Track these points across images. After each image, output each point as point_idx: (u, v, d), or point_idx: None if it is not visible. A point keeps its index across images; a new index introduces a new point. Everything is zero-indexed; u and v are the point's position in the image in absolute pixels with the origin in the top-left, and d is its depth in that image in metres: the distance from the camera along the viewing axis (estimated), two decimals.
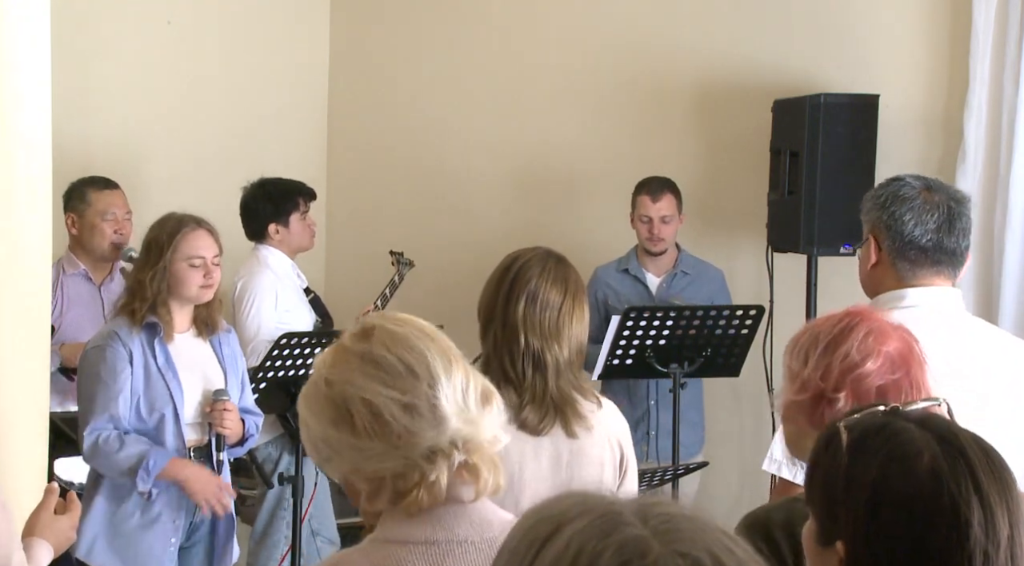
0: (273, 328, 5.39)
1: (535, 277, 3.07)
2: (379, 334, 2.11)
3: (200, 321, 4.35)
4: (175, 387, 4.24)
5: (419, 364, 2.08)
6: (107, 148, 6.31)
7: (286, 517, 5.40)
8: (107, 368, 4.18)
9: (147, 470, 4.13)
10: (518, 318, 3.05)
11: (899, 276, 3.06)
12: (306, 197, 5.78)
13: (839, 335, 2.31)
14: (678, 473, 5.09)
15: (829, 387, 2.28)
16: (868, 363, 2.27)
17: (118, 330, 4.23)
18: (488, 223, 6.76)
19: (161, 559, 4.23)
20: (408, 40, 7.13)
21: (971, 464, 1.65)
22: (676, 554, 1.17)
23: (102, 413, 4.16)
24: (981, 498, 1.63)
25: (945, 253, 3.06)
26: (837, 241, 5.43)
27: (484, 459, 2.10)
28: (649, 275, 5.77)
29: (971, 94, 5.24)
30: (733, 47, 6.07)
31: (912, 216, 3.05)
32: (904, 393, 2.28)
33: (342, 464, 2.10)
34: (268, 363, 4.71)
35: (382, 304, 5.91)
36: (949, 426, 1.73)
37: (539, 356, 3.05)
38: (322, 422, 2.09)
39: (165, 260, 4.22)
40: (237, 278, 5.60)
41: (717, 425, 6.09)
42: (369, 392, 2.06)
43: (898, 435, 1.69)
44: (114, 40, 6.44)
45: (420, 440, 2.04)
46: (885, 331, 2.32)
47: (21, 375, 3.69)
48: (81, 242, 5.48)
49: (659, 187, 5.71)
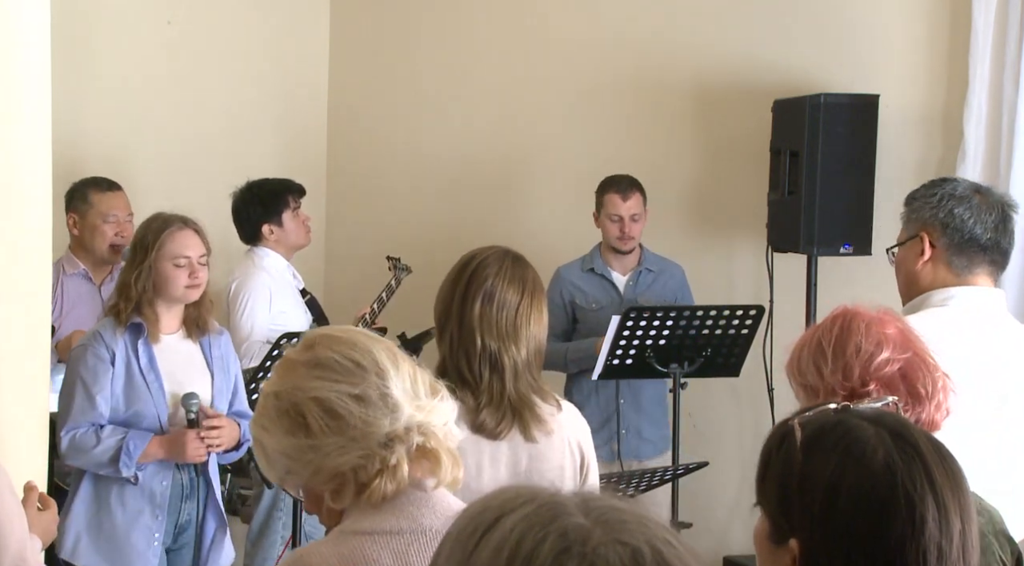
0: (267, 329, 5.40)
1: (492, 276, 3.00)
2: (322, 341, 2.15)
3: (190, 322, 4.33)
4: (156, 388, 4.23)
5: (365, 358, 2.11)
6: (107, 148, 6.31)
7: (282, 517, 5.41)
8: (87, 369, 4.19)
9: (128, 454, 4.14)
10: (474, 319, 2.97)
11: (954, 272, 3.11)
12: (295, 194, 5.77)
13: (841, 335, 2.34)
14: (678, 473, 5.09)
15: (856, 384, 2.30)
16: (883, 351, 2.31)
17: (102, 331, 4.24)
18: (487, 223, 6.76)
19: (145, 555, 4.22)
20: (408, 40, 7.13)
21: (925, 460, 1.66)
22: (617, 542, 1.18)
23: (79, 415, 4.17)
24: (935, 494, 1.64)
25: (1000, 252, 3.12)
26: (837, 241, 5.43)
27: (442, 445, 2.12)
28: (615, 274, 5.75)
29: (971, 94, 5.24)
30: (733, 47, 6.07)
31: (971, 214, 3.10)
32: (920, 369, 2.32)
33: (302, 471, 2.11)
34: (268, 364, 4.70)
35: (379, 308, 5.91)
36: (902, 422, 1.74)
37: (496, 358, 2.97)
38: (276, 435, 2.11)
39: (150, 260, 4.21)
40: (231, 279, 5.60)
41: (717, 425, 6.09)
42: (319, 391, 2.08)
43: (852, 431, 1.70)
44: (114, 40, 6.44)
45: (376, 429, 2.07)
46: (879, 318, 2.36)
47: (21, 375, 3.69)
48: (82, 243, 5.48)
49: (628, 185, 5.68)
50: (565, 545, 1.18)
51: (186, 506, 4.30)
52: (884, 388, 2.28)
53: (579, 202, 6.51)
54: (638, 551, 1.18)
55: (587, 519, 1.21)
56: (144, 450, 4.17)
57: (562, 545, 1.18)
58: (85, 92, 6.22)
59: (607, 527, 1.20)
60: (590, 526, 1.20)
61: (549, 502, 1.23)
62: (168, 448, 4.20)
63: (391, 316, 5.98)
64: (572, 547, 1.18)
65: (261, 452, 2.15)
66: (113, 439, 4.16)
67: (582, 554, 1.17)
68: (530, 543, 1.19)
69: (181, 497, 4.29)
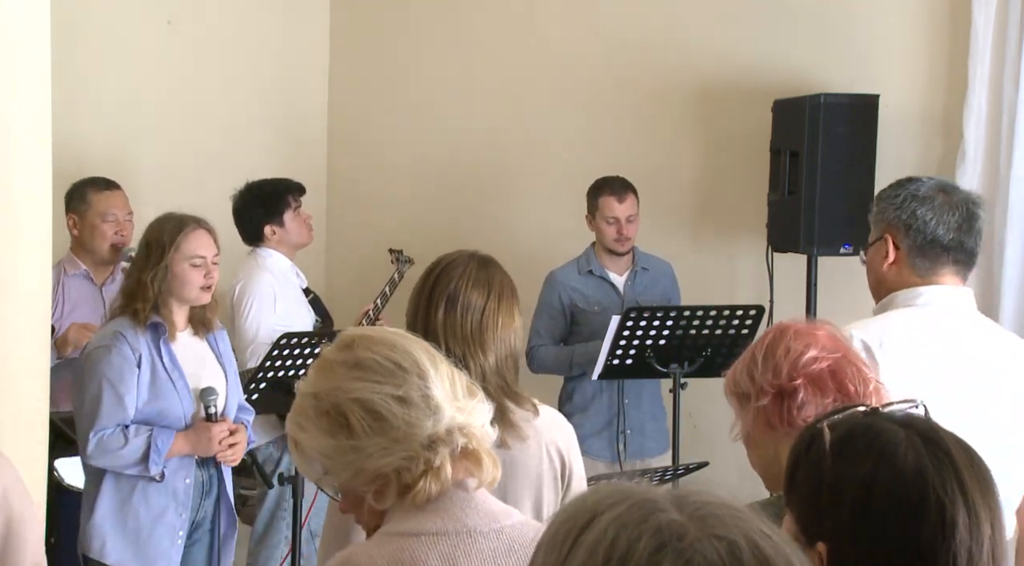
0: (272, 330, 5.39)
1: (455, 280, 2.92)
2: (360, 341, 2.14)
3: (196, 320, 4.35)
4: (182, 386, 4.26)
5: (406, 359, 2.11)
6: (106, 148, 6.31)
7: (286, 517, 5.40)
8: (113, 370, 4.18)
9: (157, 452, 4.16)
10: (438, 325, 2.89)
11: (917, 273, 3.10)
12: (295, 193, 5.77)
13: (772, 342, 2.38)
14: (678, 473, 5.09)
15: (784, 380, 2.32)
16: (811, 350, 2.33)
17: (123, 331, 4.21)
18: (487, 223, 6.76)
19: (169, 552, 4.26)
20: (408, 40, 7.13)
21: (955, 464, 1.66)
22: (713, 537, 1.17)
23: (108, 416, 4.16)
24: (966, 498, 1.64)
25: (964, 252, 3.10)
26: (837, 241, 5.43)
27: (482, 446, 2.13)
28: (612, 274, 5.75)
29: (971, 94, 5.24)
30: (733, 47, 6.07)
31: (933, 215, 3.08)
32: (850, 370, 2.33)
33: (342, 472, 2.10)
34: (268, 363, 4.70)
35: (382, 303, 5.90)
36: (932, 426, 1.73)
37: (460, 364, 2.77)
38: (315, 436, 2.10)
39: (167, 260, 4.22)
40: (236, 281, 5.59)
41: (717, 425, 6.08)
42: (361, 392, 2.08)
43: (883, 435, 1.69)
44: (114, 40, 6.44)
45: (419, 431, 2.07)
46: (810, 326, 2.40)
47: (21, 375, 3.69)
48: (82, 243, 5.48)
49: (622, 187, 5.67)
50: (660, 542, 1.17)
51: (204, 503, 4.34)
52: (812, 385, 2.30)
53: (579, 202, 6.51)
54: (735, 544, 1.17)
55: (681, 515, 1.20)
56: (170, 446, 4.20)
57: (657, 542, 1.17)
58: (85, 92, 6.21)
59: (702, 522, 1.19)
60: (684, 522, 1.19)
61: (641, 500, 1.22)
62: (194, 443, 4.24)
63: (394, 313, 5.98)
64: (668, 543, 1.17)
65: (298, 451, 2.14)
66: (140, 438, 4.17)
67: (678, 550, 1.16)
68: (624, 542, 1.18)
69: (201, 494, 4.33)
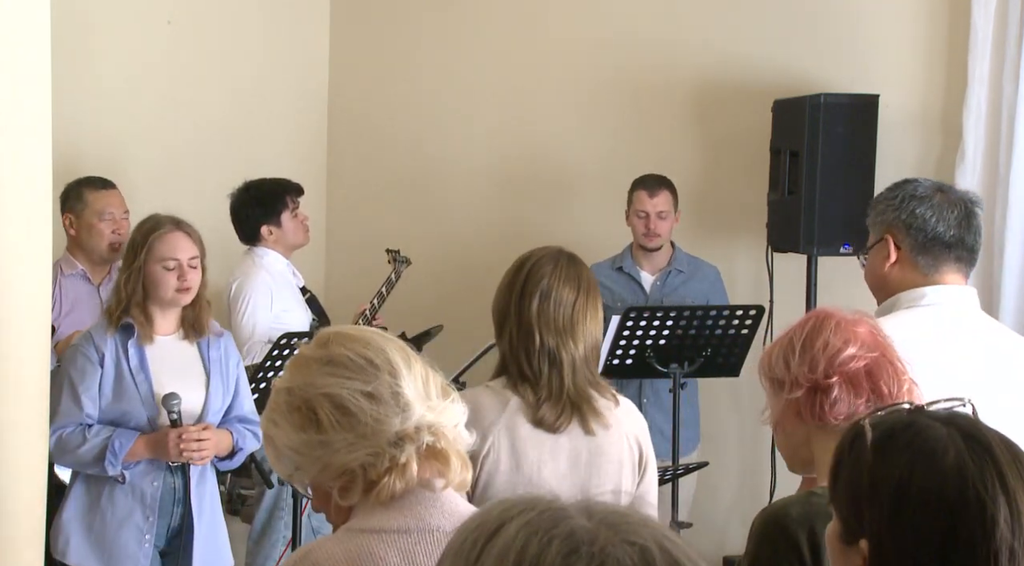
0: (268, 329, 5.40)
1: (547, 275, 3.10)
2: (336, 338, 2.16)
3: (187, 323, 4.30)
4: (145, 389, 4.21)
5: (378, 357, 2.12)
6: (106, 148, 6.30)
7: (284, 517, 5.41)
8: (76, 369, 4.20)
9: (114, 453, 4.12)
10: (532, 316, 3.08)
11: (921, 272, 3.12)
12: (293, 194, 5.78)
13: (812, 332, 2.38)
14: (678, 473, 5.08)
15: (820, 376, 2.33)
16: (849, 347, 2.34)
17: (93, 331, 4.25)
18: (488, 222, 6.76)
19: (136, 557, 4.20)
20: (408, 40, 7.13)
21: (997, 461, 1.65)
22: (625, 542, 1.18)
23: (65, 415, 4.16)
24: (1007, 495, 1.63)
25: (966, 249, 3.12)
26: (837, 241, 5.43)
27: (452, 446, 2.13)
28: (644, 273, 5.77)
29: (970, 93, 5.24)
30: (733, 47, 6.07)
31: (933, 213, 3.10)
32: (887, 369, 2.35)
33: (310, 468, 2.11)
34: (268, 363, 4.70)
35: (379, 303, 5.90)
36: (975, 424, 1.72)
37: (554, 353, 3.07)
38: (286, 431, 2.12)
39: (139, 261, 4.20)
40: (232, 280, 5.59)
41: (716, 425, 6.08)
42: (332, 387, 2.09)
43: (923, 432, 1.69)
44: (114, 40, 6.44)
45: (387, 427, 2.08)
46: (852, 319, 2.40)
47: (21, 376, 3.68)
48: (79, 242, 5.47)
49: (656, 183, 5.73)
50: (572, 546, 1.17)
51: (177, 509, 4.26)
52: (847, 383, 2.32)
53: (578, 201, 6.52)
54: (646, 549, 1.18)
55: (591, 521, 1.20)
56: (130, 449, 4.16)
57: (569, 546, 1.17)
58: (85, 92, 6.21)
59: (612, 528, 1.19)
60: (594, 528, 1.19)
61: (550, 508, 1.22)
62: (152, 447, 4.18)
63: (392, 315, 5.98)
64: (580, 548, 1.17)
65: (271, 447, 2.16)
66: (99, 438, 4.15)
67: (591, 554, 1.17)
68: (536, 547, 1.18)
69: (173, 500, 4.25)
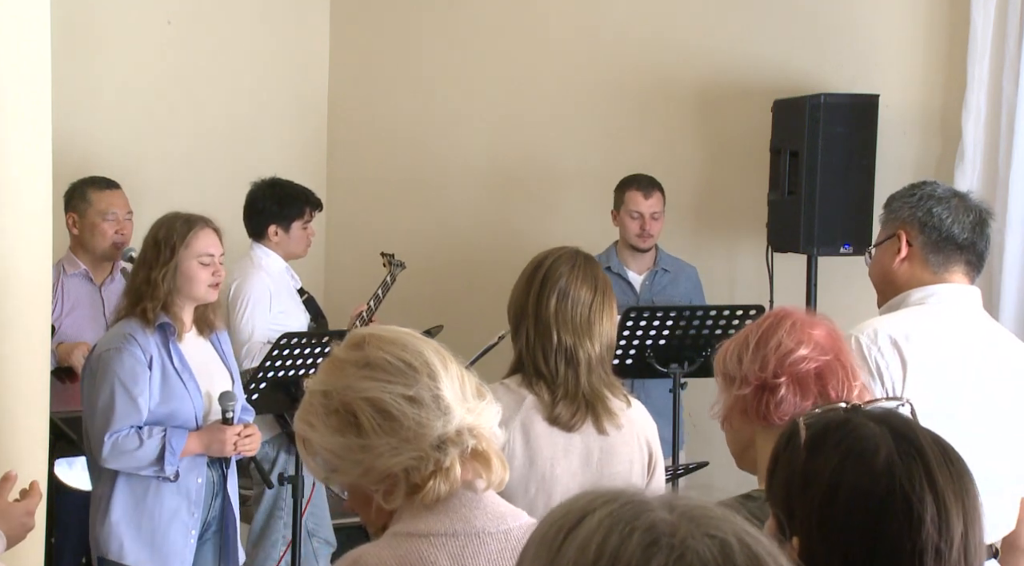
0: (267, 330, 5.42)
1: (565, 275, 3.13)
2: (371, 341, 2.14)
3: (200, 320, 4.36)
4: (192, 387, 4.26)
5: (416, 360, 2.11)
6: (107, 148, 6.31)
7: (283, 517, 5.42)
8: (126, 372, 4.16)
9: (172, 452, 4.17)
10: (550, 315, 3.11)
11: (931, 270, 3.16)
12: (312, 207, 5.82)
13: (767, 330, 2.38)
14: (678, 473, 5.08)
15: (769, 375, 2.33)
16: (801, 348, 2.34)
17: (133, 333, 4.20)
18: (488, 223, 6.77)
19: (183, 552, 4.27)
20: (408, 40, 7.13)
21: (927, 461, 1.65)
22: (705, 536, 1.19)
23: (123, 418, 4.15)
24: (936, 495, 1.63)
25: (975, 254, 3.18)
26: (837, 241, 5.43)
27: (491, 447, 2.14)
28: (631, 273, 5.77)
29: (969, 93, 5.24)
30: (733, 47, 6.07)
31: (949, 214, 3.16)
32: (838, 373, 2.35)
33: (351, 471, 2.11)
34: (268, 363, 4.71)
35: (375, 305, 5.91)
36: (908, 423, 1.73)
37: (571, 352, 3.10)
38: (324, 434, 2.11)
39: (177, 258, 4.22)
40: (230, 280, 5.59)
41: (716, 425, 6.07)
42: (372, 392, 2.08)
43: (855, 431, 1.69)
44: (114, 40, 6.44)
45: (429, 431, 2.07)
46: (810, 321, 2.40)
47: (21, 375, 3.69)
48: (82, 242, 5.48)
49: (649, 183, 5.73)
50: (653, 538, 1.18)
51: (214, 502, 4.35)
52: (795, 384, 2.32)
53: (578, 202, 6.52)
54: (726, 543, 1.18)
55: (672, 514, 1.21)
56: (184, 447, 4.21)
57: (650, 538, 1.18)
58: (85, 92, 6.22)
59: (693, 521, 1.20)
60: (675, 520, 1.20)
61: (632, 500, 1.23)
62: (207, 443, 4.25)
63: (391, 315, 5.98)
64: (660, 539, 1.18)
65: (305, 449, 2.15)
66: (155, 439, 4.17)
67: (671, 546, 1.17)
68: (616, 538, 1.19)
69: (212, 493, 4.34)
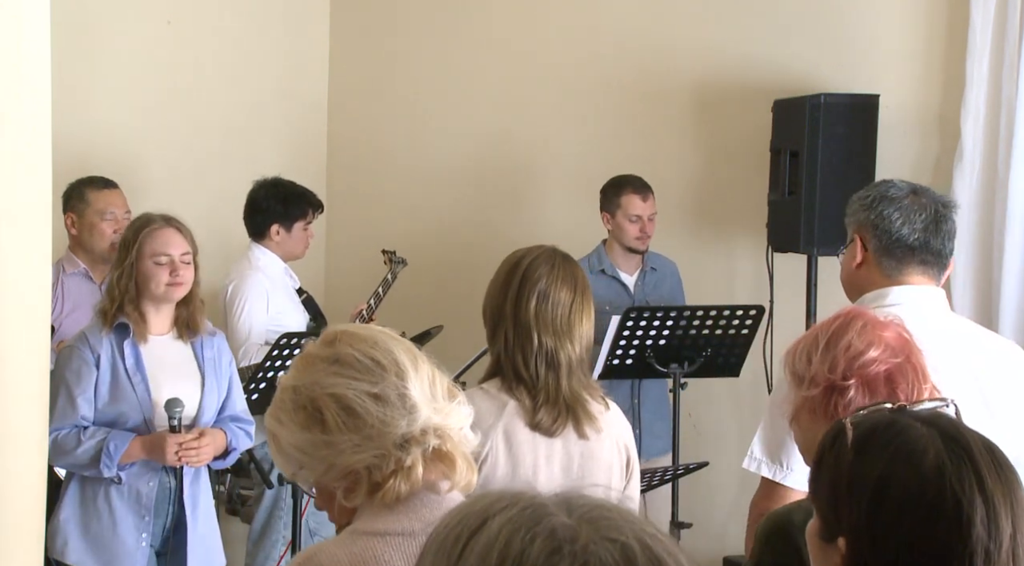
0: (264, 330, 5.42)
1: (544, 275, 3.05)
2: (343, 337, 2.15)
3: (180, 323, 4.30)
4: (142, 389, 4.21)
5: (385, 358, 2.11)
6: (107, 148, 6.31)
7: (283, 517, 5.42)
8: (71, 370, 4.18)
9: (109, 455, 4.12)
10: (530, 317, 3.02)
11: (885, 274, 3.14)
12: (315, 209, 5.84)
13: (838, 330, 2.37)
14: (678, 473, 5.09)
15: (838, 377, 2.32)
16: (871, 350, 2.33)
17: (88, 332, 4.23)
18: (488, 223, 6.76)
19: (134, 556, 4.21)
20: (408, 40, 7.13)
21: (976, 463, 1.65)
22: (606, 540, 1.18)
23: (61, 417, 4.15)
24: (984, 497, 1.63)
25: (931, 253, 3.13)
26: (837, 241, 5.37)
27: (457, 449, 2.12)
28: (623, 274, 5.76)
29: (968, 94, 5.23)
30: (733, 47, 6.07)
31: (900, 215, 3.13)
32: (908, 376, 2.34)
33: (315, 467, 2.11)
34: (268, 363, 4.71)
35: (375, 303, 5.92)
36: (955, 425, 1.73)
37: (553, 355, 3.03)
38: (291, 429, 2.11)
39: (131, 258, 4.20)
40: (228, 280, 5.60)
41: (716, 425, 6.08)
42: (338, 388, 2.09)
43: (903, 432, 1.70)
44: (114, 40, 6.44)
45: (393, 429, 2.07)
46: (880, 322, 2.39)
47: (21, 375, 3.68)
48: (80, 242, 5.49)
49: (643, 185, 5.71)
50: (555, 545, 1.18)
51: (172, 509, 4.26)
52: (864, 386, 2.31)
53: (578, 202, 6.51)
54: (627, 546, 1.18)
55: (571, 518, 1.20)
56: (125, 450, 4.16)
57: (552, 545, 1.18)
58: (85, 92, 6.21)
59: (593, 525, 1.20)
60: (576, 525, 1.20)
61: (532, 503, 1.22)
62: (149, 449, 4.18)
63: (391, 315, 5.98)
64: (563, 546, 1.17)
65: (275, 445, 2.15)
66: (94, 440, 4.15)
67: (573, 553, 1.17)
68: (519, 545, 1.18)
69: (168, 500, 4.26)
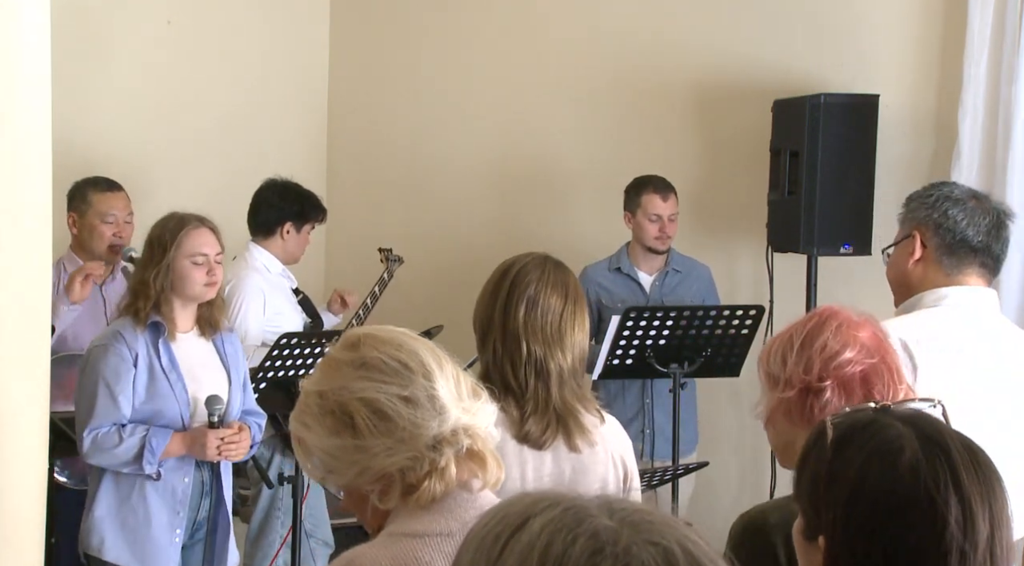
0: (261, 331, 5.43)
1: (534, 282, 2.95)
2: (367, 340, 2.14)
3: (203, 320, 4.37)
4: (179, 388, 4.26)
5: (412, 360, 2.11)
6: (107, 148, 6.31)
7: (281, 517, 5.42)
8: (110, 369, 4.20)
9: (152, 451, 4.17)
10: (519, 325, 2.92)
11: (944, 272, 3.15)
12: (319, 214, 5.87)
13: (813, 330, 2.35)
14: (677, 473, 5.08)
15: (814, 378, 2.31)
16: (847, 351, 2.31)
17: (122, 330, 4.24)
18: (488, 222, 6.77)
19: (168, 551, 4.27)
20: (408, 40, 7.14)
21: (953, 463, 1.65)
22: (648, 542, 1.18)
23: (102, 415, 4.18)
24: (961, 497, 1.63)
25: (991, 257, 3.16)
26: (837, 241, 5.44)
27: (487, 447, 2.13)
28: (642, 274, 5.77)
29: (965, 93, 5.24)
30: (733, 47, 6.07)
31: (965, 216, 3.15)
32: (884, 376, 2.32)
33: (346, 471, 2.11)
34: (268, 363, 4.72)
35: (372, 302, 5.92)
36: (935, 425, 1.73)
37: (542, 364, 2.91)
38: (320, 435, 2.11)
39: (168, 258, 4.24)
40: (225, 281, 5.59)
41: (716, 425, 6.08)
42: (367, 392, 2.08)
43: (881, 431, 1.70)
44: (114, 40, 6.44)
45: (424, 431, 2.07)
46: (855, 321, 2.37)
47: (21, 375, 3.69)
48: (81, 242, 5.49)
49: (665, 185, 5.73)
50: (597, 546, 1.17)
51: (204, 503, 4.35)
52: (840, 387, 2.30)
53: (578, 201, 6.52)
54: (669, 550, 1.18)
55: (613, 521, 1.20)
56: (165, 447, 4.21)
57: (594, 546, 1.17)
58: (85, 92, 6.22)
59: (635, 528, 1.20)
60: (618, 527, 1.19)
61: (574, 505, 1.22)
62: (189, 445, 4.24)
63: (391, 315, 5.98)
64: (604, 548, 1.17)
65: (301, 449, 2.15)
66: (135, 437, 4.19)
67: (615, 555, 1.17)
68: (560, 545, 1.18)
69: (200, 494, 4.34)
